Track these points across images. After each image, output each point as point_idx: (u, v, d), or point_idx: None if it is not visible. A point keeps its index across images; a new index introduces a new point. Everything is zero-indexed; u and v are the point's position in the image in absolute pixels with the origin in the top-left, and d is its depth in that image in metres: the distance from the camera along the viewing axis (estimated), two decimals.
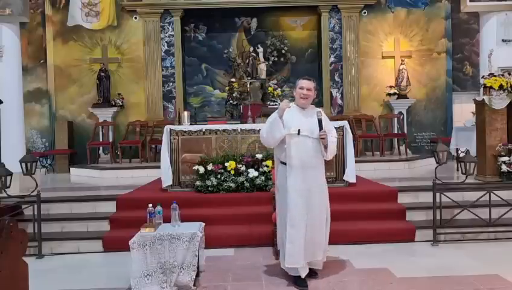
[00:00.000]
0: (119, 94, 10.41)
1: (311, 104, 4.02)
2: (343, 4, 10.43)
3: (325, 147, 3.82)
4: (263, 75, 10.46)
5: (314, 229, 3.83)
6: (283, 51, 10.96)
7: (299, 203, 3.80)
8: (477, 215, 5.16)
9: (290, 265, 3.82)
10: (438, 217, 5.07)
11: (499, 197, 5.18)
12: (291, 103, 3.97)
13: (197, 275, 3.93)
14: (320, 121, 3.78)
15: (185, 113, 6.93)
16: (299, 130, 3.79)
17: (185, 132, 6.38)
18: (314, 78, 4.08)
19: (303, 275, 3.83)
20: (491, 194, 5.14)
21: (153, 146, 9.88)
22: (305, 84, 3.89)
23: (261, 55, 10.59)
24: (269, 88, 10.20)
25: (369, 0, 10.43)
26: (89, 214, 5.71)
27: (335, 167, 6.23)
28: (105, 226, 5.47)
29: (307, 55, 11.22)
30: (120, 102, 10.33)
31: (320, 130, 3.77)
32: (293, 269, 3.87)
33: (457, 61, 10.86)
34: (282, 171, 3.91)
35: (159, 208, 4.04)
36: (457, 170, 7.04)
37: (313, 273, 3.97)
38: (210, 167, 6.06)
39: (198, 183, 6.05)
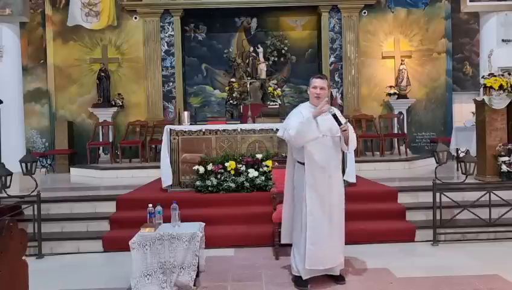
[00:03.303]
0: (119, 94, 10.40)
1: (337, 104, 4.04)
2: (343, 4, 10.42)
3: (346, 140, 3.79)
4: (263, 75, 10.46)
5: (334, 230, 3.79)
6: (283, 51, 10.95)
7: (317, 204, 3.76)
8: (477, 216, 5.16)
9: (311, 267, 3.75)
10: (438, 217, 5.08)
11: (499, 197, 5.18)
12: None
13: (197, 275, 3.93)
14: (335, 116, 3.70)
15: (185, 113, 6.93)
16: None
17: (185, 131, 6.38)
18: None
19: (304, 277, 3.81)
20: (491, 194, 5.14)
21: (153, 146, 9.88)
22: (318, 83, 3.87)
23: (261, 55, 10.58)
24: (269, 88, 10.20)
25: (369, 0, 10.42)
26: (89, 214, 5.71)
27: None
28: (105, 226, 5.47)
29: (307, 55, 11.21)
30: (120, 102, 10.33)
31: (339, 124, 3.70)
32: (295, 269, 3.88)
33: (457, 61, 10.85)
34: (300, 171, 3.84)
35: (159, 208, 4.04)
36: (457, 170, 7.04)
37: (339, 278, 3.91)
38: (210, 167, 6.06)
39: (198, 183, 6.05)
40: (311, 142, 3.76)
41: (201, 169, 6.09)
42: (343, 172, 6.11)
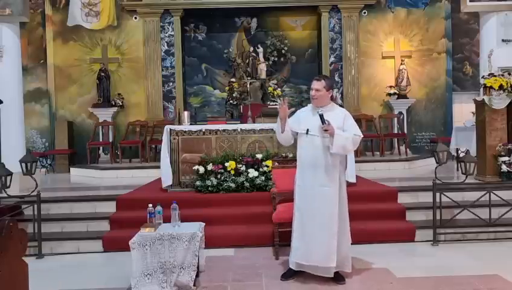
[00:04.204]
0: (119, 94, 10.40)
1: (336, 104, 4.15)
2: (343, 4, 10.42)
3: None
4: (263, 75, 10.46)
5: (319, 229, 3.79)
6: (283, 51, 10.95)
7: (303, 202, 3.87)
8: (477, 216, 5.16)
9: (296, 260, 3.92)
10: (438, 217, 5.08)
11: (499, 197, 5.18)
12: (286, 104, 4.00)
13: (197, 275, 3.93)
14: (321, 117, 3.74)
15: (185, 113, 6.93)
16: (307, 129, 3.83)
17: (185, 131, 6.38)
18: (313, 78, 4.06)
19: (295, 268, 3.97)
20: (491, 194, 5.14)
21: (153, 146, 9.88)
22: (313, 85, 3.92)
23: (261, 55, 10.58)
24: (269, 88, 10.20)
25: (369, 0, 10.42)
26: (89, 214, 5.71)
27: None
28: (105, 226, 5.47)
29: (307, 55, 11.21)
30: (120, 102, 10.33)
31: (322, 124, 3.73)
32: (289, 262, 3.99)
33: (457, 61, 10.85)
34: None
35: (159, 208, 4.04)
36: (457, 170, 7.04)
37: (339, 278, 3.92)
38: (210, 167, 6.06)
39: (198, 183, 6.05)
40: (301, 142, 3.93)
41: (201, 169, 6.09)
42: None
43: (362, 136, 3.94)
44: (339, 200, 3.87)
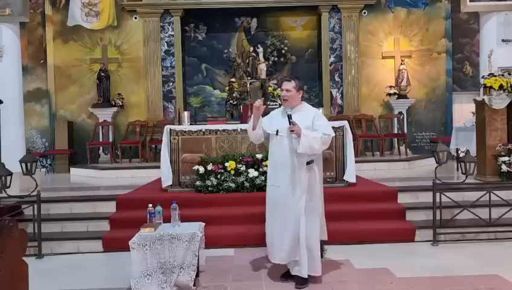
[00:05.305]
0: (119, 94, 10.41)
1: (310, 104, 4.15)
2: (343, 4, 10.43)
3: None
4: (263, 75, 10.45)
5: (281, 229, 3.81)
6: (283, 51, 10.95)
7: (270, 201, 3.96)
8: (477, 216, 5.16)
9: (269, 256, 4.00)
10: (438, 217, 5.07)
11: (499, 197, 5.18)
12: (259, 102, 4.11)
13: (197, 275, 3.93)
14: (289, 117, 3.77)
15: (185, 113, 6.93)
16: (277, 130, 3.89)
17: (185, 131, 6.38)
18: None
19: (292, 271, 3.95)
20: (491, 194, 5.14)
21: (153, 146, 9.88)
22: (284, 86, 3.99)
23: (261, 55, 10.58)
24: (269, 88, 10.19)
25: (369, 0, 10.43)
26: (89, 214, 5.71)
27: (335, 167, 6.23)
28: (105, 226, 5.47)
29: (307, 55, 11.21)
30: (120, 102, 10.33)
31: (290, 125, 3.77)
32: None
33: (457, 61, 10.86)
34: None
35: (159, 208, 4.05)
36: (457, 170, 7.04)
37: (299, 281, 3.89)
38: (210, 167, 6.06)
39: (198, 183, 6.05)
40: (272, 142, 4.00)
41: (201, 169, 6.08)
42: (343, 172, 6.15)
43: (333, 134, 3.95)
44: (309, 200, 3.83)
